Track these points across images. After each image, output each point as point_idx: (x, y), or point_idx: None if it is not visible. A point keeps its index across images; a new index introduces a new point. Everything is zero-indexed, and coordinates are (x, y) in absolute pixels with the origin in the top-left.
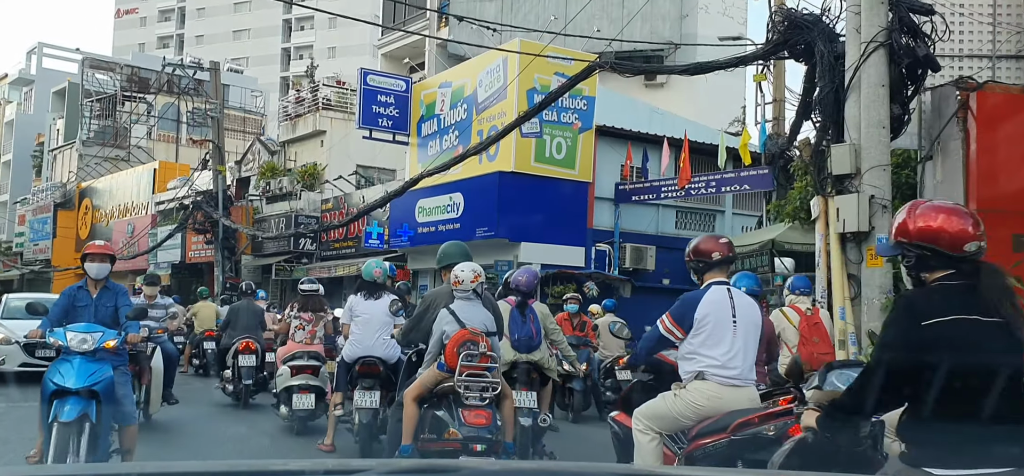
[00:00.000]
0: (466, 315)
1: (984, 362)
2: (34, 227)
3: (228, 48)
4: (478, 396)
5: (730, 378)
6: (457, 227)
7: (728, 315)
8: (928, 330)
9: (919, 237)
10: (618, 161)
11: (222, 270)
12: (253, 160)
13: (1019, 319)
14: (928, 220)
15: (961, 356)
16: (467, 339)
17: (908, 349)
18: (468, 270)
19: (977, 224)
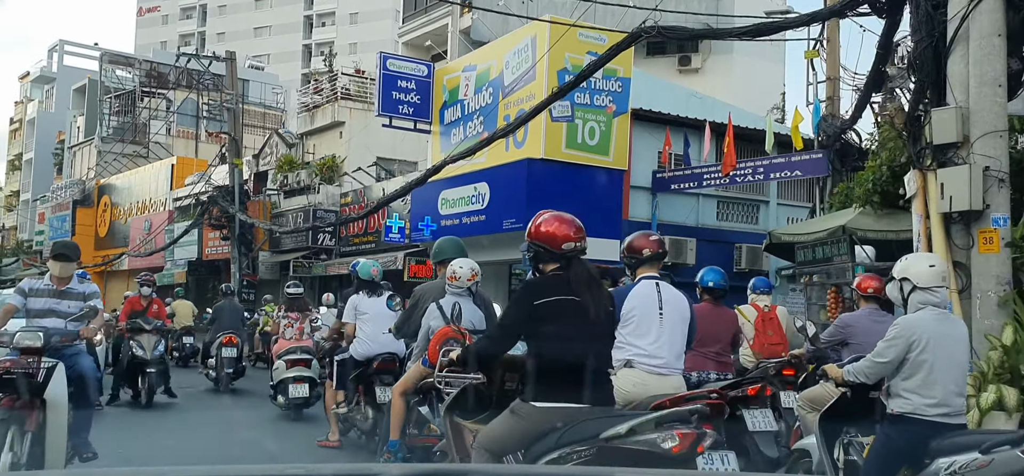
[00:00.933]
0: (454, 312)
1: (572, 330)
2: (53, 225)
3: (249, 45)
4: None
5: (655, 366)
6: (482, 219)
7: (655, 308)
8: (539, 307)
9: (536, 238)
10: (655, 147)
11: (239, 267)
12: (271, 153)
13: (598, 300)
14: (544, 225)
15: (559, 325)
16: (450, 336)
17: (528, 320)
18: (466, 267)
19: (578, 229)
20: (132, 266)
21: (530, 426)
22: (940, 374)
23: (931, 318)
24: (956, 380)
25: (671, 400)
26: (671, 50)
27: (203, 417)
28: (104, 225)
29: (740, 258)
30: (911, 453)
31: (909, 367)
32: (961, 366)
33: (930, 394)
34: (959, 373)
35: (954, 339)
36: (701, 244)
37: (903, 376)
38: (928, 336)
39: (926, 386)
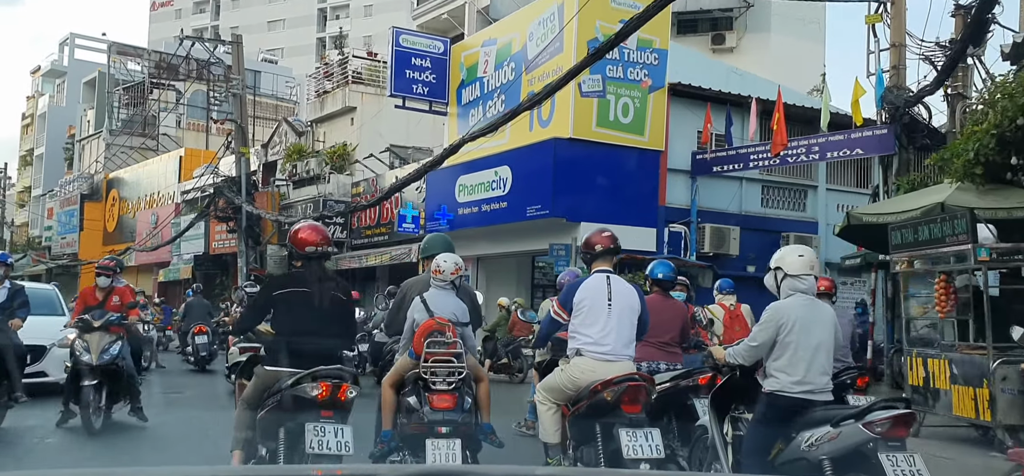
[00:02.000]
0: (437, 304)
1: (300, 314)
2: (61, 220)
3: (263, 39)
4: (444, 381)
5: (602, 353)
6: (503, 205)
7: (604, 299)
8: (276, 295)
9: (290, 241)
10: (694, 126)
11: (246, 261)
12: (280, 143)
13: (326, 292)
14: (298, 232)
15: (290, 309)
16: (434, 328)
17: (266, 305)
18: (450, 261)
19: (324, 237)
20: (140, 262)
21: (262, 384)
22: (804, 354)
23: (798, 303)
24: (820, 360)
25: (601, 384)
26: (703, 28)
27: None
28: (112, 220)
29: None
30: (782, 427)
31: (778, 348)
32: (826, 347)
33: (795, 373)
34: (824, 354)
35: (820, 323)
36: (745, 233)
37: (773, 357)
38: (795, 319)
39: (792, 366)
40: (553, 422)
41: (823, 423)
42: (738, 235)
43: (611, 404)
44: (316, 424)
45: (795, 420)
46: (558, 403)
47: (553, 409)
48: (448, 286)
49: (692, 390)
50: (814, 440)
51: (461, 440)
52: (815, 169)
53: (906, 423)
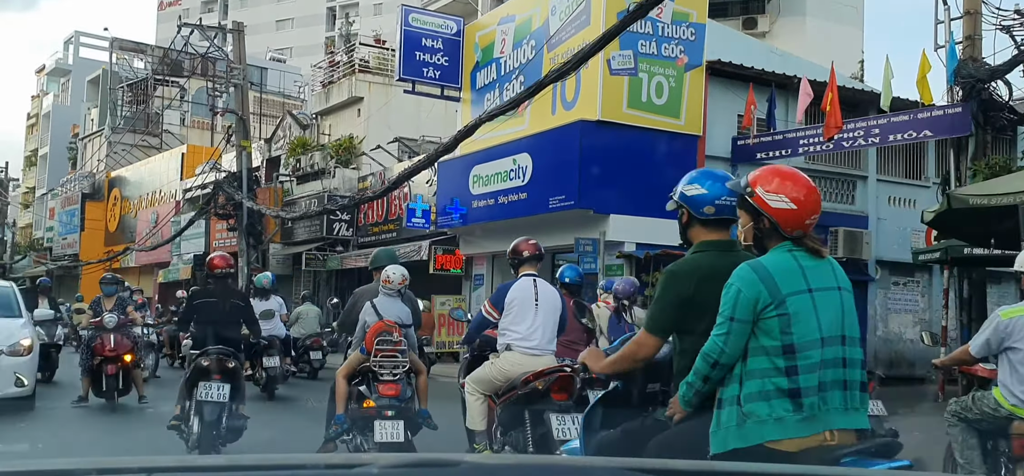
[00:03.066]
0: (385, 309)
1: (208, 316)
2: (62, 220)
3: (271, 38)
4: (390, 373)
5: (530, 348)
6: (523, 197)
7: (531, 300)
8: (196, 303)
9: (207, 266)
10: (734, 109)
11: (247, 260)
12: (284, 136)
13: (227, 299)
14: (211, 259)
15: (205, 313)
16: (382, 329)
17: (190, 310)
18: (397, 273)
19: (228, 262)
20: (140, 262)
21: (188, 361)
22: None
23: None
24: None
25: (533, 374)
26: (734, 12)
27: None
28: (114, 219)
29: (837, 244)
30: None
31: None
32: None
33: None
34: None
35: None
36: None
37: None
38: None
39: None
40: (480, 411)
41: None
42: None
43: (542, 392)
44: (206, 383)
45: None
46: (486, 394)
47: (481, 399)
48: (395, 294)
49: (588, 384)
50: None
51: (404, 421)
52: (864, 158)
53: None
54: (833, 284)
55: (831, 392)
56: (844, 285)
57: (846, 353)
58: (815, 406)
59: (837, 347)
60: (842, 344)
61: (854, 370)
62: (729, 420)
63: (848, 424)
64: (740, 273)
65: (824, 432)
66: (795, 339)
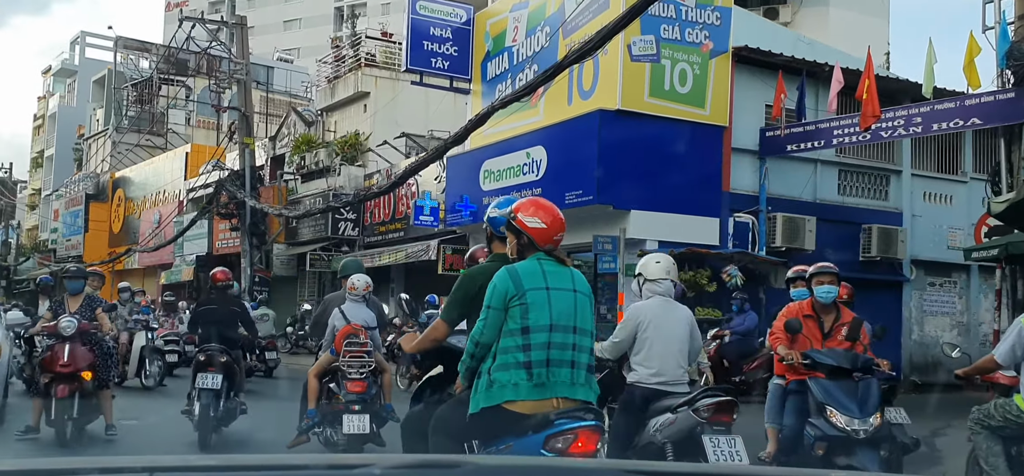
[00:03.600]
0: (352, 314)
1: (211, 318)
2: (66, 221)
3: (279, 38)
4: (357, 372)
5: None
6: (537, 192)
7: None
8: (200, 311)
9: (211, 278)
10: (761, 99)
11: (250, 261)
12: (288, 134)
13: (226, 306)
14: (213, 273)
15: (206, 317)
16: (350, 333)
17: (196, 317)
18: (362, 281)
19: (228, 276)
20: (144, 264)
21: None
22: (659, 349)
23: (656, 304)
24: (674, 355)
25: None
26: (754, 1)
27: None
28: (118, 220)
29: (870, 242)
30: (640, 414)
31: (637, 344)
32: (680, 343)
33: (650, 366)
34: (677, 349)
35: (674, 321)
36: (822, 225)
37: (634, 352)
38: (651, 318)
39: (648, 360)
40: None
41: (666, 410)
42: (814, 227)
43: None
44: (203, 374)
45: (651, 407)
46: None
47: None
48: (360, 300)
49: None
50: (658, 426)
51: (369, 415)
52: (898, 152)
53: (728, 409)
54: (570, 287)
55: (558, 368)
56: (581, 289)
57: (576, 341)
58: (543, 376)
59: (567, 334)
60: (573, 333)
61: (582, 354)
62: (480, 386)
63: (573, 395)
64: (499, 274)
65: (552, 399)
66: (530, 323)
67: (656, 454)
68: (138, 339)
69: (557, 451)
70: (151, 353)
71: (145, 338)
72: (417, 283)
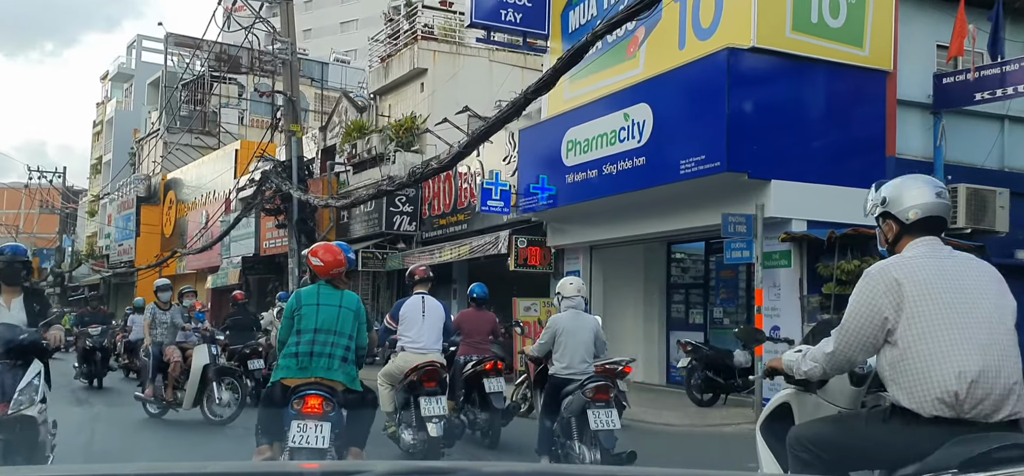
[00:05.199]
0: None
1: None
2: (119, 225)
3: (336, 40)
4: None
5: (418, 348)
6: (639, 162)
7: (420, 312)
8: (229, 322)
9: (232, 297)
10: (933, 36)
11: (297, 261)
12: (339, 122)
13: (248, 319)
14: (236, 293)
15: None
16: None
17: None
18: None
19: (245, 297)
20: (193, 267)
21: None
22: (571, 350)
23: (569, 316)
24: (582, 353)
25: (413, 368)
26: None
27: None
28: (169, 224)
29: None
30: (557, 394)
31: (556, 346)
32: (586, 345)
33: (564, 361)
34: (584, 349)
35: (582, 328)
36: (1015, 200)
37: (554, 352)
38: (565, 326)
39: (562, 357)
40: (389, 397)
41: (573, 392)
42: (1007, 202)
43: (418, 381)
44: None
45: (564, 391)
46: (392, 384)
47: (388, 388)
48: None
49: (484, 373)
50: (565, 403)
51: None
52: None
53: (605, 390)
54: (336, 303)
55: (318, 358)
56: (346, 305)
57: (334, 340)
58: (305, 362)
59: (329, 336)
60: (334, 334)
61: (338, 349)
62: (273, 370)
63: (330, 376)
64: (294, 294)
65: (311, 378)
66: (301, 326)
67: (568, 424)
68: (199, 356)
69: (297, 409)
70: (218, 375)
71: (209, 354)
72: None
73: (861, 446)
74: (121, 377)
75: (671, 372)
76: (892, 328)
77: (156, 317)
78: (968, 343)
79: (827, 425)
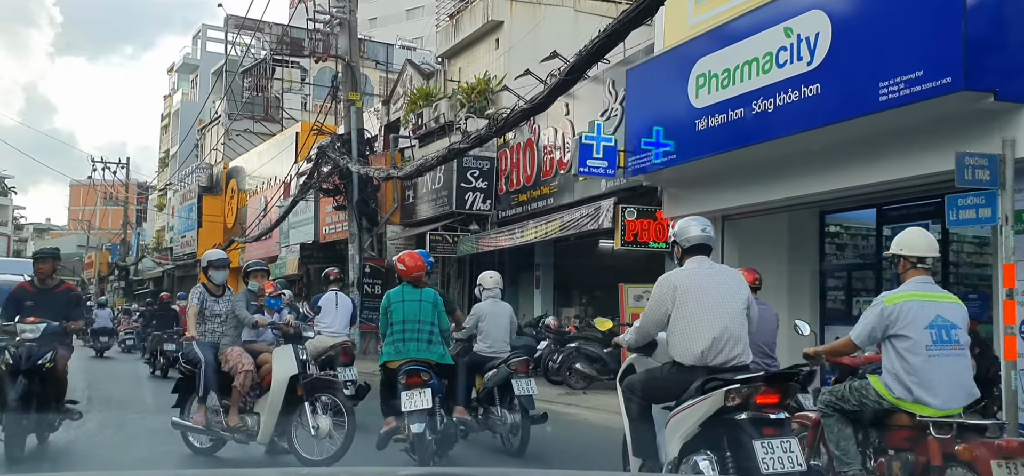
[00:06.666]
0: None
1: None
2: (181, 216)
3: (402, 28)
4: None
5: (332, 333)
6: (812, 91)
7: (333, 304)
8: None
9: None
10: None
11: (359, 247)
12: (403, 93)
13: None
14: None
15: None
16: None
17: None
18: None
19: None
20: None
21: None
22: (493, 331)
23: (489, 304)
24: (503, 335)
25: (330, 347)
26: None
27: None
28: (231, 213)
29: None
30: (479, 370)
31: (479, 330)
32: (504, 329)
33: (486, 342)
34: (504, 332)
35: (501, 315)
36: None
37: (478, 335)
38: (487, 312)
39: (486, 338)
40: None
41: (498, 365)
42: None
43: (335, 357)
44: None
45: (486, 366)
46: (315, 359)
47: (312, 363)
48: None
49: (513, 375)
50: (488, 377)
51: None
52: None
53: (526, 365)
54: (417, 298)
55: (409, 343)
56: (425, 299)
57: (419, 327)
58: (400, 347)
59: (414, 324)
60: (418, 323)
61: (424, 333)
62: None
63: (420, 355)
64: (385, 295)
65: (407, 358)
66: (393, 320)
67: (491, 392)
68: (281, 362)
69: (404, 383)
70: (312, 391)
71: (296, 360)
72: (575, 266)
73: (660, 386)
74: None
75: (826, 380)
76: (671, 314)
77: (205, 305)
78: (711, 322)
79: (643, 375)
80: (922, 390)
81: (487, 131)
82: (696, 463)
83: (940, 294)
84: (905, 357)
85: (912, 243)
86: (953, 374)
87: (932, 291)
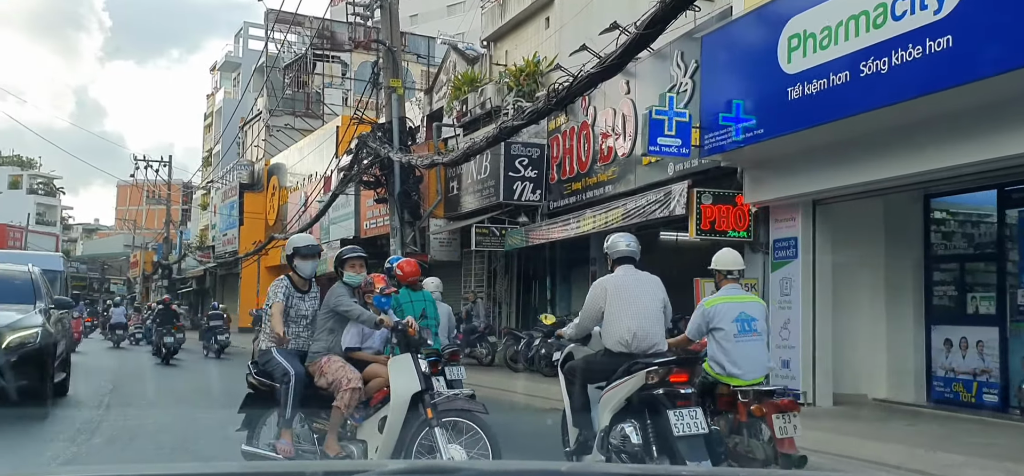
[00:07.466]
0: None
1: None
2: (223, 214)
3: (443, 24)
4: None
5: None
6: (941, 45)
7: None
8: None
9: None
10: None
11: (400, 241)
12: (446, 80)
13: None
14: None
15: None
16: None
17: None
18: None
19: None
20: None
21: None
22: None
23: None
24: (444, 328)
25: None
26: None
27: None
28: (273, 210)
29: None
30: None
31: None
32: (445, 327)
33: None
34: (443, 333)
35: (442, 314)
36: None
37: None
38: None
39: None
40: None
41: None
42: None
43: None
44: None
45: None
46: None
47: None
48: None
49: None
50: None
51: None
52: None
53: (456, 354)
54: (421, 299)
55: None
56: (428, 299)
57: (424, 323)
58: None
59: (420, 320)
60: (424, 319)
61: (432, 327)
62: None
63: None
64: (395, 297)
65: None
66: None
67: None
68: (400, 375)
69: None
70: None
71: (418, 374)
72: (656, 260)
73: (594, 369)
74: None
75: (934, 386)
76: (603, 310)
77: (292, 302)
78: (633, 316)
79: (580, 361)
80: (732, 366)
81: (545, 104)
82: (623, 430)
83: (745, 296)
84: (721, 343)
85: (724, 260)
86: (753, 354)
87: (738, 294)
